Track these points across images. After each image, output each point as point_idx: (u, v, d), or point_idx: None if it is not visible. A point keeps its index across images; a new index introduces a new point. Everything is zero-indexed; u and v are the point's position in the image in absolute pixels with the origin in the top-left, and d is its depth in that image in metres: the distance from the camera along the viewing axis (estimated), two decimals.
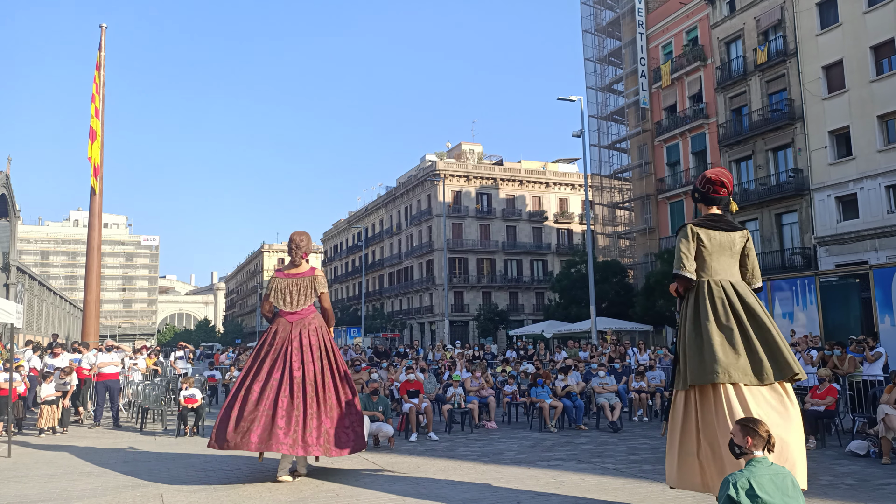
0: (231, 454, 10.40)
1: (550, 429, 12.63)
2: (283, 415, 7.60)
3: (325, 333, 8.26)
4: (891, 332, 14.41)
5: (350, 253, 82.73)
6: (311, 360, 7.92)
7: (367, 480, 8.10)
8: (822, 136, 29.97)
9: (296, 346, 7.95)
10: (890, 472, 8.34)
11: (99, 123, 18.14)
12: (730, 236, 6.13)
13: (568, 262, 45.01)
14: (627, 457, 9.67)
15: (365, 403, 11.17)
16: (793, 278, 17.99)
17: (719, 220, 6.19)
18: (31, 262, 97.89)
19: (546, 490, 7.41)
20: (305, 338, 8.02)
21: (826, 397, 10.75)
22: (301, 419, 7.63)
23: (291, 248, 8.30)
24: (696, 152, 37.56)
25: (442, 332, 54.18)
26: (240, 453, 10.43)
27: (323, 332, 8.23)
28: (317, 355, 7.99)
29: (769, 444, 4.14)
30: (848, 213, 29.02)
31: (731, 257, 6.15)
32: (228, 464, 9.31)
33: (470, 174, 62.99)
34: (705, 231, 6.09)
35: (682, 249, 6.07)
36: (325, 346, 8.13)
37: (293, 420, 7.61)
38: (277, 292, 8.18)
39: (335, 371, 8.09)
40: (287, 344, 7.98)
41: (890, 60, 27.73)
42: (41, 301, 41.61)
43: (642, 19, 40.91)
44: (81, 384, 14.74)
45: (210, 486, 7.80)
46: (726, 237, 6.12)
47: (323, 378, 7.93)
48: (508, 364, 19.37)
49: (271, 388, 7.71)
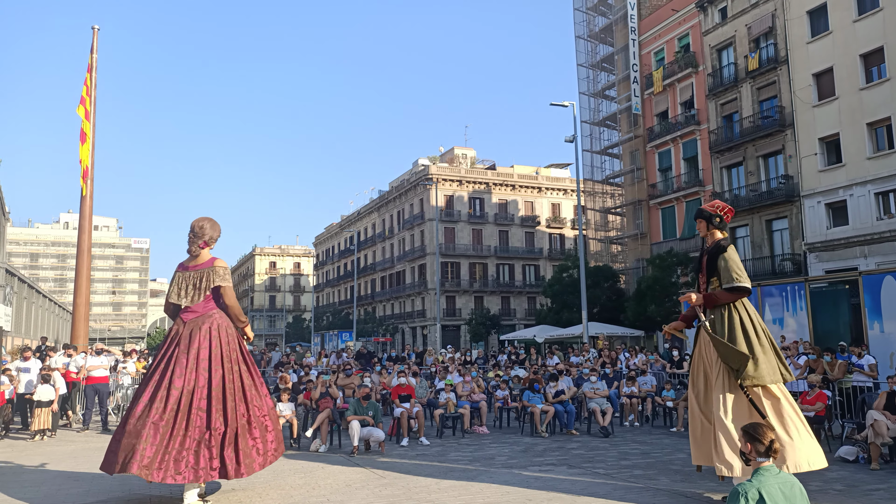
0: None
1: (542, 434, 12.63)
2: (154, 436, 6.49)
3: (228, 334, 7.08)
4: (880, 339, 14.50)
5: (342, 257, 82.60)
6: (198, 369, 6.79)
7: (357, 485, 8.07)
8: (812, 143, 30.18)
9: (182, 351, 6.84)
10: (878, 477, 8.38)
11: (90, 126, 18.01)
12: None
13: (560, 266, 45.09)
14: (618, 462, 9.68)
15: (356, 408, 11.15)
16: (783, 284, 18.07)
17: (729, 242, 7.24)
18: (21, 265, 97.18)
19: (536, 495, 7.40)
20: (196, 341, 6.88)
21: (816, 403, 10.80)
22: (179, 440, 6.54)
23: (189, 237, 7.25)
24: (688, 158, 37.75)
25: (434, 336, 54.13)
26: None
27: (225, 332, 7.05)
28: (207, 365, 6.83)
29: (771, 450, 4.15)
30: (838, 220, 29.21)
31: None
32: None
33: (462, 179, 63.07)
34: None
35: (738, 263, 6.90)
36: (223, 350, 6.96)
37: (168, 442, 6.51)
38: (173, 287, 7.17)
39: (237, 378, 6.96)
40: (174, 347, 6.92)
41: (880, 68, 27.96)
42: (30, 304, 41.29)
43: (635, 26, 41.12)
44: (70, 388, 14.64)
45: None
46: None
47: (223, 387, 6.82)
48: (500, 368, 19.38)
49: (150, 403, 6.67)
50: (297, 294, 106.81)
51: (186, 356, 6.80)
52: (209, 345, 6.90)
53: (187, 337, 6.89)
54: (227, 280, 7.18)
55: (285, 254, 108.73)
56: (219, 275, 7.11)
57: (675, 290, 32.32)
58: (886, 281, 14.70)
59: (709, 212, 7.21)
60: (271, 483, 8.20)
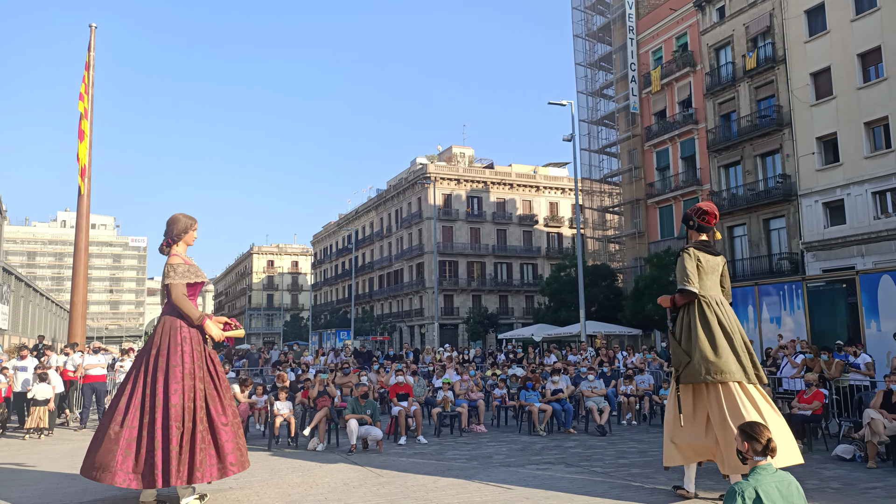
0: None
1: (539, 432, 12.64)
2: (129, 441, 6.34)
3: (188, 336, 6.63)
4: (877, 337, 14.53)
5: (340, 255, 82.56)
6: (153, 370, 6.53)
7: (355, 484, 8.07)
8: (809, 143, 30.22)
9: (153, 356, 6.58)
10: (875, 475, 8.40)
11: (87, 124, 17.98)
12: (715, 260, 7.23)
13: (558, 265, 45.12)
14: (616, 461, 9.69)
15: (353, 406, 11.15)
16: (780, 283, 18.10)
17: (708, 245, 7.29)
18: (18, 263, 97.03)
19: (534, 494, 7.41)
20: (165, 345, 6.56)
21: (813, 402, 10.82)
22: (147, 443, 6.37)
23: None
24: (686, 157, 37.78)
25: (432, 335, 54.14)
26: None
27: (184, 333, 6.62)
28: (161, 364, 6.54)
29: (769, 449, 4.15)
30: (835, 219, 29.25)
31: (715, 277, 7.22)
32: None
33: (460, 177, 63.06)
34: (702, 254, 7.15)
35: (688, 268, 7.05)
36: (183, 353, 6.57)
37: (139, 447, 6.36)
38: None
39: (205, 382, 6.65)
40: (145, 353, 6.68)
41: (877, 68, 28.01)
42: (27, 302, 41.22)
43: (633, 25, 41.13)
44: (68, 386, 14.63)
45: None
46: (714, 260, 7.21)
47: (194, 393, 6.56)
48: (498, 367, 19.38)
49: (127, 408, 6.47)
50: (295, 293, 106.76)
51: (156, 360, 6.52)
52: (173, 348, 6.59)
53: (157, 336, 6.62)
54: (175, 276, 6.60)
55: (283, 252, 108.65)
56: (165, 272, 6.66)
57: (672, 289, 32.33)
58: (883, 280, 14.73)
59: (686, 214, 7.57)
60: (269, 482, 8.20)
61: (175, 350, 6.55)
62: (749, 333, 17.77)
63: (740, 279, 30.60)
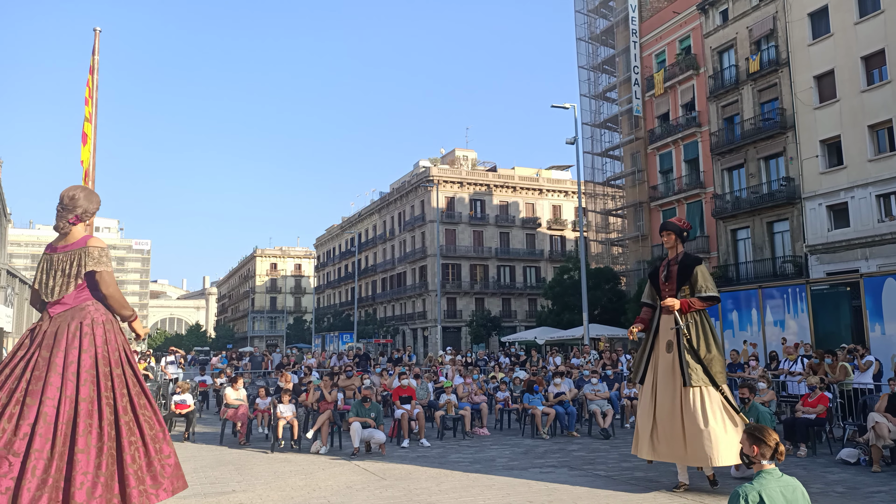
0: (225, 461, 10.36)
1: (542, 435, 12.62)
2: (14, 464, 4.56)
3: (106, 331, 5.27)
4: (881, 341, 14.49)
5: (343, 258, 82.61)
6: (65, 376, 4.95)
7: (358, 487, 8.07)
8: (813, 146, 30.17)
9: (43, 357, 5.05)
10: (880, 479, 8.37)
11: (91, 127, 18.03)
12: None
13: (561, 268, 45.08)
14: (619, 464, 9.67)
15: (357, 409, 11.15)
16: (784, 286, 18.07)
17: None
18: (22, 266, 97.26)
19: (538, 497, 7.40)
20: (64, 341, 5.09)
21: (817, 405, 10.79)
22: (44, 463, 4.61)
23: (57, 210, 5.45)
24: (689, 160, 37.74)
25: (434, 338, 54.12)
26: (233, 459, 10.39)
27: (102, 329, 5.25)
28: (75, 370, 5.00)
29: (777, 452, 4.13)
30: (839, 222, 29.18)
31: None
32: (219, 471, 9.26)
33: (463, 180, 63.08)
34: None
35: (711, 278, 7.68)
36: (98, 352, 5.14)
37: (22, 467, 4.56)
38: (38, 273, 5.47)
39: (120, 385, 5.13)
40: (34, 350, 5.12)
41: (881, 70, 27.95)
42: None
43: (636, 28, 41.13)
44: None
45: (200, 494, 7.74)
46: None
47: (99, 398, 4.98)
48: (501, 370, 19.36)
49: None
50: (298, 295, 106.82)
51: (48, 363, 5.01)
52: (79, 345, 5.15)
53: (52, 335, 5.16)
54: (104, 263, 5.41)
55: (286, 255, 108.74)
56: (93, 257, 5.37)
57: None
58: (888, 283, 14.70)
59: (679, 227, 7.88)
60: (272, 484, 8.21)
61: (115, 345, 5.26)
62: (752, 336, 17.75)
63: (744, 282, 30.53)
